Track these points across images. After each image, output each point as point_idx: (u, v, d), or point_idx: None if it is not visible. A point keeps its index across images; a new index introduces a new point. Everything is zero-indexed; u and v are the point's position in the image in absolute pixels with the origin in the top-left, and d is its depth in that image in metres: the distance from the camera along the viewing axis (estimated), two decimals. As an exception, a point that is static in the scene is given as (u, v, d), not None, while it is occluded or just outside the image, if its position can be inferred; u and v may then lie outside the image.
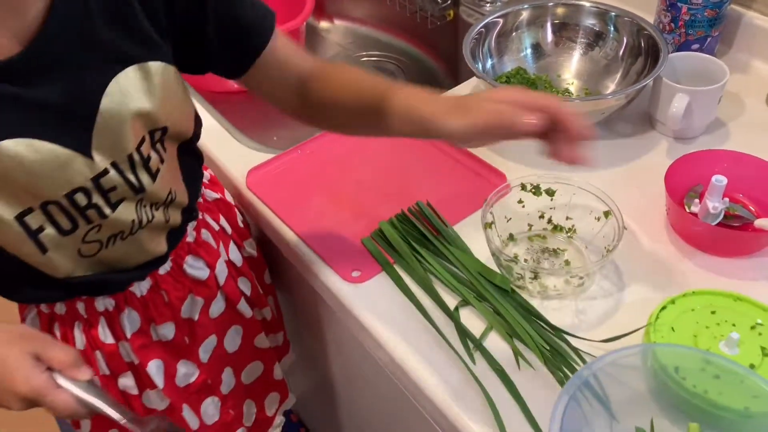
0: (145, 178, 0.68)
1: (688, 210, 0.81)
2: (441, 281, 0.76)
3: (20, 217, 0.61)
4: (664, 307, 0.69)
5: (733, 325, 0.67)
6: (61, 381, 0.61)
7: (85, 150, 0.62)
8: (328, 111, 0.72)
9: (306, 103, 0.73)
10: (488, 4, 1.24)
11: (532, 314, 0.72)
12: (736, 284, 0.74)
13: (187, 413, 0.85)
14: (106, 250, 0.70)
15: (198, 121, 0.77)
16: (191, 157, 0.79)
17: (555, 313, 0.73)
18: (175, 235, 0.78)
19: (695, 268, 0.76)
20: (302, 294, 0.96)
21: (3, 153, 0.57)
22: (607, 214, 0.76)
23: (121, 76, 0.61)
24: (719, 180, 0.77)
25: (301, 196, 0.89)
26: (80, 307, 0.75)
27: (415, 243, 0.80)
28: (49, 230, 0.64)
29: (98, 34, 0.60)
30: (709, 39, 0.99)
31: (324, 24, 1.58)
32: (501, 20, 1.01)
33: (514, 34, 1.02)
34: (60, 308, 0.76)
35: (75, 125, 0.60)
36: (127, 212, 0.68)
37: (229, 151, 0.98)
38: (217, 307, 0.85)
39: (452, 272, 0.77)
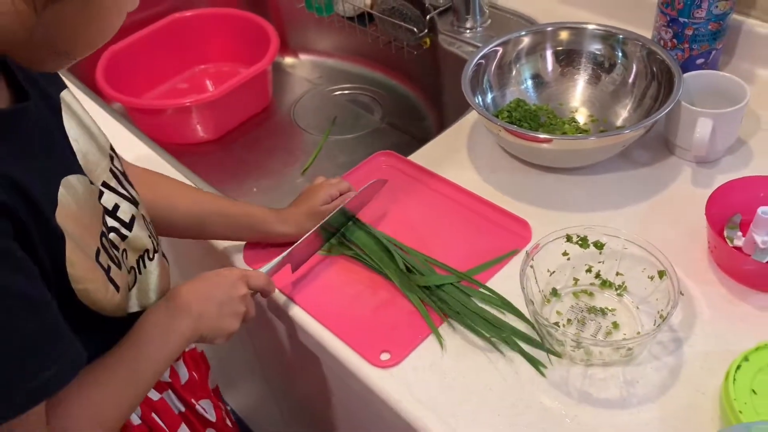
0: (133, 191, 0.67)
1: (731, 244, 0.75)
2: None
3: (96, 258, 0.58)
4: (738, 366, 0.62)
5: (819, 379, 0.61)
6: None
7: (82, 172, 0.59)
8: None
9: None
10: (467, 30, 1.17)
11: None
12: (802, 325, 0.68)
13: None
14: (140, 275, 0.67)
15: None
16: None
17: (601, 384, 0.66)
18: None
19: (754, 311, 0.70)
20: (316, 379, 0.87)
21: (73, 187, 0.56)
22: (661, 274, 0.69)
23: (63, 95, 0.62)
24: (766, 212, 0.71)
25: (307, 269, 0.80)
26: None
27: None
28: (113, 268, 0.61)
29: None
30: (713, 52, 0.94)
31: (289, 60, 1.49)
32: (500, 49, 0.94)
33: (514, 63, 0.95)
34: None
35: (69, 155, 0.59)
36: (140, 231, 0.67)
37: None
38: None
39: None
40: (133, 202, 0.66)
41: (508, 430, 0.63)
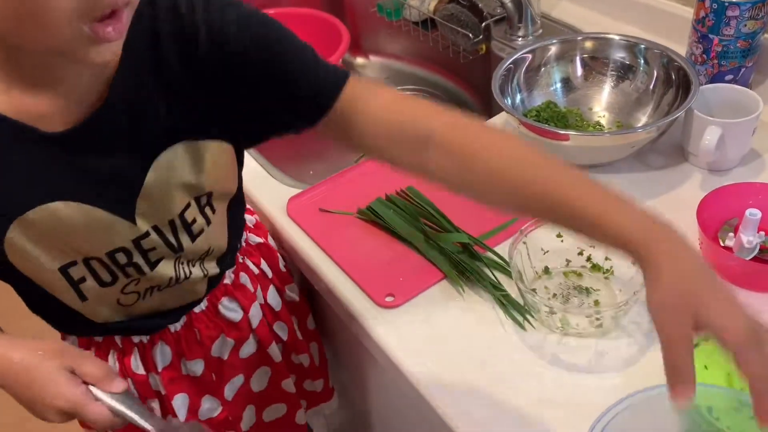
0: (185, 240, 0.70)
1: (722, 244, 0.80)
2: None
3: (63, 269, 0.65)
4: (696, 345, 0.67)
5: (769, 363, 0.65)
6: (98, 394, 0.64)
7: (128, 215, 0.65)
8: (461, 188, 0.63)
9: (427, 170, 0.63)
10: (519, 38, 1.25)
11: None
12: (773, 320, 0.72)
13: None
14: (143, 300, 0.73)
15: (240, 175, 0.76)
16: (237, 207, 0.81)
17: (572, 351, 0.73)
18: (213, 281, 0.80)
19: (730, 303, 0.75)
20: (343, 338, 0.97)
21: (51, 213, 0.60)
22: None
23: (169, 152, 0.63)
24: (753, 213, 0.76)
25: (335, 225, 0.91)
26: (117, 338, 0.78)
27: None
28: (90, 282, 0.68)
29: (152, 108, 0.61)
30: (743, 70, 0.98)
31: (360, 60, 1.61)
32: (529, 56, 1.02)
33: (543, 68, 1.03)
34: (98, 337, 0.78)
35: (121, 193, 0.63)
36: (165, 269, 0.71)
37: (266, 189, 1.00)
38: (248, 348, 0.87)
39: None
40: (174, 250, 0.70)
41: (473, 375, 0.71)
